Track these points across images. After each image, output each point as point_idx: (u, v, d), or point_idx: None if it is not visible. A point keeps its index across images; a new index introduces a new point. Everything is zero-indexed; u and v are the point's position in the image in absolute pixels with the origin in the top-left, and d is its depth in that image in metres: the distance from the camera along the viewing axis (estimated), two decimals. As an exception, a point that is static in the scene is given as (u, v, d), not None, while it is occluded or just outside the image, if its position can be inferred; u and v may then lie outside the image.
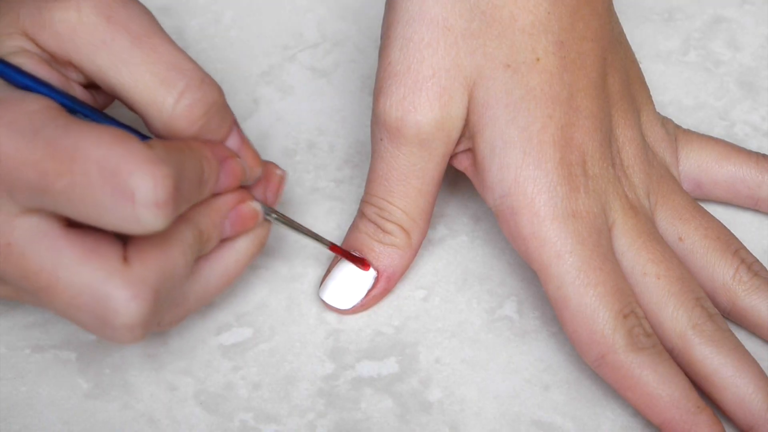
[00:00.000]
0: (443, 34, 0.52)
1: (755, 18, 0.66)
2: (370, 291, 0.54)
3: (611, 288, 0.51)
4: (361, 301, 0.54)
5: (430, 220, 0.55)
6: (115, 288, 0.45)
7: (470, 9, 0.52)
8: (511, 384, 0.53)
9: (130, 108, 0.48)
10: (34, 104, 0.45)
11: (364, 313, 0.55)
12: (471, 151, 0.53)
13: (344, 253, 0.54)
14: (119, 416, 0.51)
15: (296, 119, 0.61)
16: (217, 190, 0.49)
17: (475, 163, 0.53)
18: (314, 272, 0.56)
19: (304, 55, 0.63)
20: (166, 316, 0.49)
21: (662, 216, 0.54)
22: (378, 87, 0.53)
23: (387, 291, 0.55)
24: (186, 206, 0.47)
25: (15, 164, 0.44)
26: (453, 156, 0.54)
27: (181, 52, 0.48)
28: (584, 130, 0.52)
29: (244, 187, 0.51)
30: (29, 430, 0.51)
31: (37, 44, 0.47)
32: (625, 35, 0.56)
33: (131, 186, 0.44)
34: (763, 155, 0.57)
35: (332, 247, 0.54)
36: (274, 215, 0.51)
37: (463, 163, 0.54)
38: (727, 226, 0.55)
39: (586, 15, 0.53)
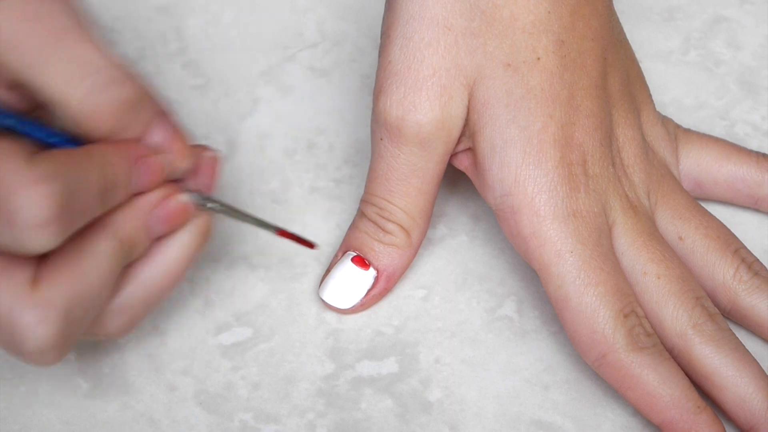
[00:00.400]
0: (444, 34, 0.52)
1: (755, 18, 0.66)
2: (369, 290, 0.54)
3: (612, 287, 0.51)
4: (361, 300, 0.54)
5: (430, 219, 0.55)
6: (20, 313, 0.44)
7: (470, 8, 0.52)
8: (511, 384, 0.53)
9: (46, 106, 0.46)
10: None
11: (364, 313, 0.55)
12: (471, 150, 0.53)
13: (292, 236, 0.52)
14: (119, 416, 0.51)
15: (296, 119, 0.61)
16: (137, 191, 0.47)
17: (476, 162, 0.53)
18: (314, 272, 0.56)
19: (303, 55, 0.63)
20: (109, 326, 0.48)
21: (662, 215, 0.54)
22: (378, 86, 0.53)
23: (387, 290, 0.55)
24: (84, 220, 0.45)
25: None
26: (453, 155, 0.54)
27: (97, 49, 0.46)
28: (585, 130, 0.52)
29: (174, 180, 0.49)
30: (29, 430, 0.51)
31: None
32: (625, 34, 0.56)
33: (11, 208, 0.42)
34: (763, 155, 0.57)
35: (280, 232, 0.52)
36: (212, 203, 0.49)
37: (463, 162, 0.54)
38: (727, 225, 0.55)
39: (586, 14, 0.53)
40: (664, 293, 0.52)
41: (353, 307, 0.54)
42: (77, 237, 0.45)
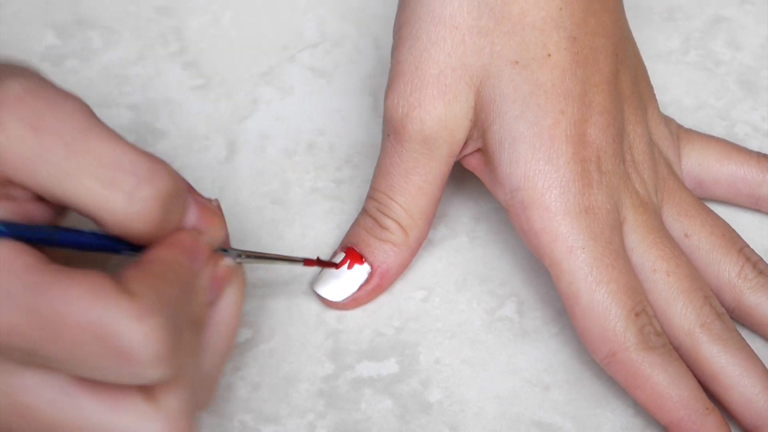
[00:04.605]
0: (450, 33, 0.52)
1: (755, 18, 0.66)
2: (363, 286, 0.54)
3: (623, 285, 0.51)
4: (353, 294, 0.54)
5: (431, 222, 0.54)
6: (152, 427, 0.43)
7: (479, 6, 0.52)
8: (511, 384, 0.53)
9: (82, 215, 0.44)
10: None
11: (364, 314, 0.55)
12: (481, 151, 0.53)
13: (320, 262, 0.54)
14: (119, 417, 0.51)
15: (296, 119, 0.61)
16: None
17: (486, 160, 0.53)
18: (314, 273, 0.56)
19: (304, 55, 0.63)
20: (200, 401, 0.47)
21: (668, 213, 0.54)
22: (388, 85, 0.53)
23: (381, 288, 0.55)
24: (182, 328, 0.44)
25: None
26: (462, 158, 0.54)
27: (122, 143, 0.43)
28: (598, 127, 0.52)
29: None
30: (29, 431, 0.51)
31: None
32: (631, 32, 0.56)
33: (126, 348, 0.41)
34: (764, 154, 0.58)
35: (306, 261, 0.53)
36: (243, 255, 0.49)
37: (471, 163, 0.54)
38: (728, 225, 0.55)
39: (598, 11, 0.53)
40: (673, 291, 0.52)
41: (345, 300, 0.54)
42: None
